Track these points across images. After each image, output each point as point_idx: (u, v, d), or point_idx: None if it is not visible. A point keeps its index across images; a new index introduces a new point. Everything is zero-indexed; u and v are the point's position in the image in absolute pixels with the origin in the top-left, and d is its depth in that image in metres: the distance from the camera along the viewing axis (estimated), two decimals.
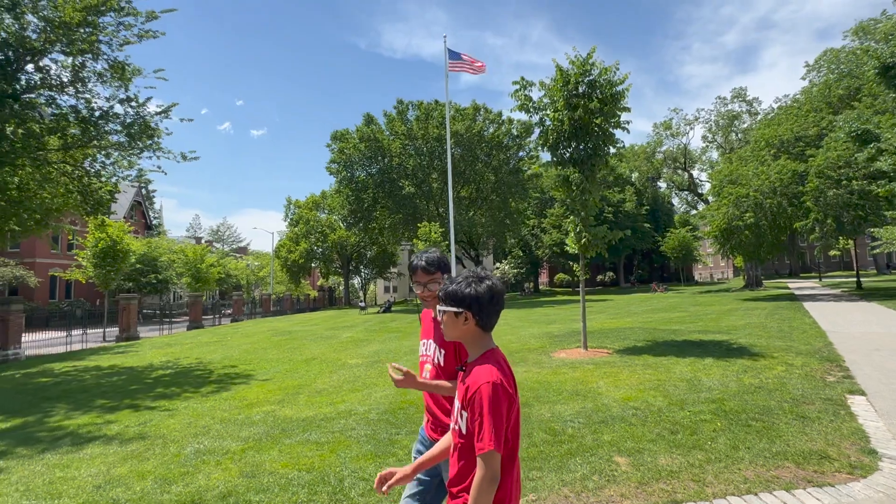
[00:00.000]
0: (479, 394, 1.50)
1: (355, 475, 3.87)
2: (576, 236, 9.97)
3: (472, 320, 1.63)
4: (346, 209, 35.41)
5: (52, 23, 9.21)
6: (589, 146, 9.98)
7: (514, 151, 37.31)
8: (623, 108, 9.86)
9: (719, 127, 35.57)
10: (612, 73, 9.70)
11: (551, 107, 10.09)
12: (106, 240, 22.56)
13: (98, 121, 11.04)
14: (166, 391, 8.33)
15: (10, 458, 4.94)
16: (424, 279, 2.19)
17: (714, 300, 25.06)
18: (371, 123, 34.93)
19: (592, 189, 9.96)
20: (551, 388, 6.65)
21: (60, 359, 14.58)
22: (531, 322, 18.05)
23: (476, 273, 1.71)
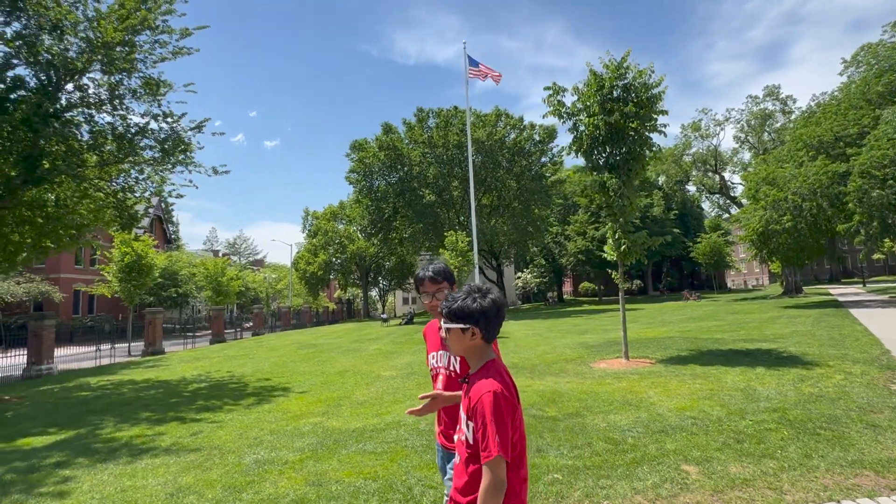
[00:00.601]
0: (482, 403, 1.58)
1: (422, 483, 4.01)
2: (614, 243, 10.02)
3: (479, 335, 1.71)
4: (365, 219, 35.90)
5: (94, 43, 9.72)
6: (624, 150, 10.08)
7: (536, 157, 37.43)
8: (659, 111, 9.94)
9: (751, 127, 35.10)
10: (648, 76, 9.80)
11: (585, 112, 10.23)
12: (131, 254, 23.30)
13: (134, 137, 11.54)
14: (207, 404, 8.60)
15: (74, 468, 5.21)
16: (432, 289, 2.27)
17: (753, 308, 24.62)
18: (390, 132, 35.47)
19: (630, 194, 10.03)
20: (599, 399, 6.70)
21: (92, 373, 15.08)
22: (562, 332, 18.02)
23: (477, 287, 1.78)
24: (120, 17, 10.29)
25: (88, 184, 12.52)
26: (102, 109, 11.34)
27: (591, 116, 10.05)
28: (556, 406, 6.45)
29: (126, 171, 12.85)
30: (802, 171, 22.10)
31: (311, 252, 46.79)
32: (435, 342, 2.32)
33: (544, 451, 4.60)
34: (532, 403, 6.70)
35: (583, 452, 4.49)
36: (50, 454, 5.85)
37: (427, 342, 2.43)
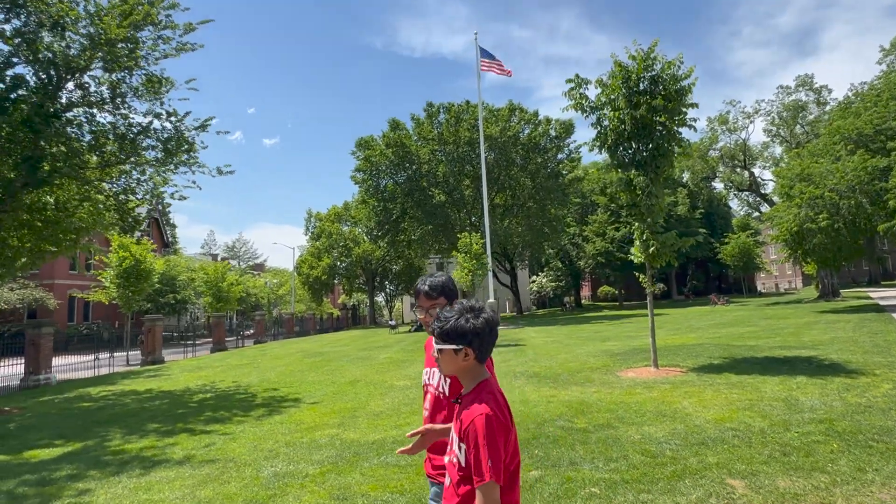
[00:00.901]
0: (474, 426, 1.61)
1: None
2: (642, 244, 10.02)
3: (472, 355, 1.73)
4: (372, 221, 36.08)
5: (97, 40, 9.93)
6: (651, 146, 10.09)
7: (552, 154, 37.40)
8: (689, 104, 9.94)
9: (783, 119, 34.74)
10: (676, 68, 9.81)
11: (609, 105, 10.26)
12: (130, 259, 23.62)
13: (136, 136, 11.75)
14: (216, 415, 8.72)
15: (86, 481, 5.32)
16: (427, 304, 2.25)
17: (787, 313, 24.41)
18: (398, 129, 35.65)
19: (658, 192, 10.03)
20: (631, 410, 6.72)
21: (92, 383, 15.31)
22: (583, 340, 17.99)
23: (469, 306, 1.79)
24: (122, 13, 10.49)
25: (89, 186, 12.76)
26: (104, 108, 11.56)
27: (615, 110, 10.07)
28: (585, 417, 6.47)
29: (127, 173, 13.07)
30: (840, 167, 21.90)
31: (314, 255, 47.09)
32: (430, 357, 2.32)
33: (578, 465, 4.63)
34: (559, 414, 6.73)
35: (619, 466, 4.52)
36: (60, 467, 5.98)
37: (426, 356, 2.44)
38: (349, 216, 49.01)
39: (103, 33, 9.97)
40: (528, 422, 6.46)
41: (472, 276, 18.04)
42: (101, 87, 11.62)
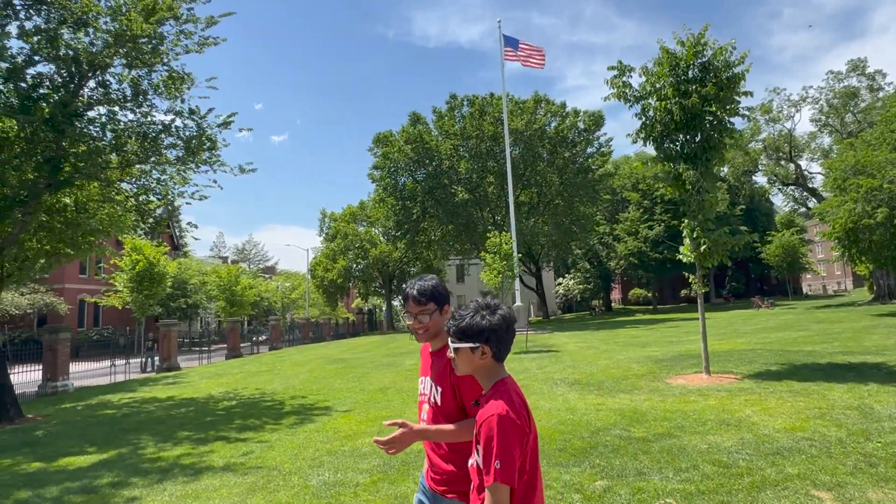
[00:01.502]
0: (486, 427, 1.63)
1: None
2: (692, 243, 9.94)
3: (489, 353, 1.76)
4: (391, 220, 36.28)
5: (123, 36, 10.22)
6: (700, 138, 10.02)
7: (581, 148, 37.20)
8: (743, 92, 9.85)
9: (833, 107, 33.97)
10: (729, 53, 9.73)
11: (655, 94, 10.21)
12: (143, 262, 24.15)
13: (158, 135, 12.03)
14: (247, 423, 8.90)
15: (131, 488, 5.49)
16: (415, 310, 2.21)
17: (840, 316, 23.94)
18: (418, 123, 35.80)
19: (709, 187, 9.95)
20: (690, 418, 6.69)
21: (110, 390, 15.70)
22: (621, 345, 17.88)
23: (486, 303, 1.82)
24: (145, 7, 10.76)
25: (110, 186, 13.10)
26: (125, 106, 11.86)
27: (662, 100, 10.02)
28: (641, 426, 6.46)
29: (147, 173, 13.39)
30: None
31: (329, 257, 47.50)
32: (425, 365, 2.33)
33: (646, 475, 4.65)
34: (613, 423, 6.73)
35: (691, 476, 4.52)
36: (100, 474, 6.17)
37: (421, 364, 2.44)
38: (365, 216, 49.35)
39: (128, 29, 10.23)
40: (581, 430, 6.48)
41: (501, 277, 18.05)
42: (122, 85, 11.94)
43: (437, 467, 2.13)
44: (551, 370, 12.56)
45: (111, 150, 11.82)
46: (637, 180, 47.47)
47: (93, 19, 10.88)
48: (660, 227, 44.05)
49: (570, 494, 4.30)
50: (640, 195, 46.64)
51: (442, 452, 2.11)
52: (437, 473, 2.12)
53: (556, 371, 12.34)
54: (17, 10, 10.95)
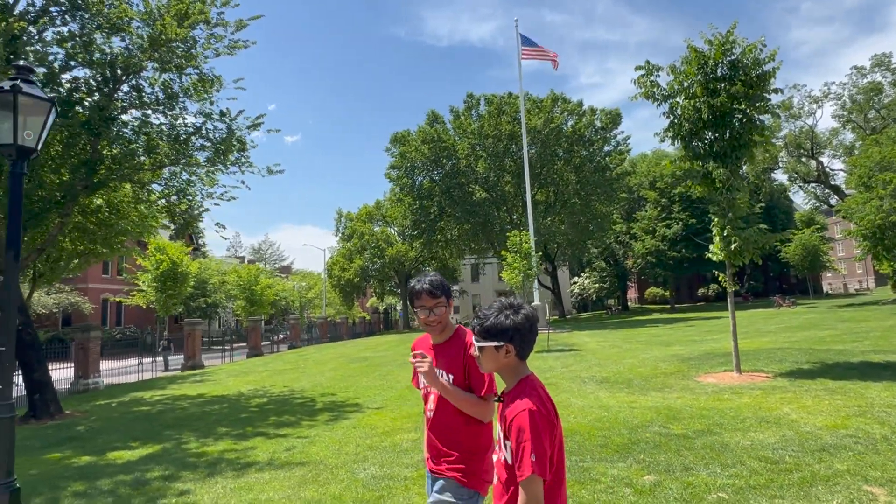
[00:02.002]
0: (518, 422, 1.68)
1: (572, 500, 4.19)
2: (722, 241, 9.93)
3: (513, 351, 1.82)
4: (408, 220, 36.46)
5: (157, 40, 10.46)
6: (729, 136, 10.00)
7: (598, 146, 37.07)
8: (773, 89, 9.82)
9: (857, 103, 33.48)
10: (758, 51, 9.71)
11: (683, 93, 10.21)
12: (167, 262, 24.60)
13: (189, 137, 12.27)
14: (281, 419, 9.07)
15: (182, 482, 5.66)
16: (431, 303, 2.31)
17: (865, 315, 23.62)
18: (435, 122, 35.92)
19: (739, 185, 9.93)
20: (727, 416, 6.72)
21: (140, 388, 16.02)
22: (643, 344, 17.84)
23: (509, 302, 1.87)
24: (178, 12, 10.99)
25: (142, 188, 13.40)
26: (157, 109, 12.11)
27: (690, 98, 10.02)
28: (679, 423, 6.51)
29: (176, 174, 13.65)
30: None
31: (345, 257, 47.82)
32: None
33: (693, 470, 4.70)
34: (649, 420, 6.78)
35: (739, 472, 4.57)
36: (149, 468, 6.36)
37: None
38: (381, 215, 49.60)
39: (162, 33, 10.46)
40: (619, 426, 6.54)
41: (522, 276, 18.10)
42: (154, 88, 12.19)
43: (440, 450, 2.28)
44: (577, 368, 12.60)
45: (144, 152, 12.08)
46: (654, 178, 47.20)
47: (126, 24, 11.13)
48: (678, 226, 43.76)
49: (620, 488, 4.38)
50: (658, 193, 46.36)
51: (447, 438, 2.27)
52: (440, 455, 2.28)
53: (582, 369, 12.39)
54: (53, 16, 11.25)
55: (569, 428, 6.72)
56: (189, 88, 12.43)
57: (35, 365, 10.59)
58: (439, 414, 2.31)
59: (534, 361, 14.47)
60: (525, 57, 31.44)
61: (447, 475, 2.26)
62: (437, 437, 2.30)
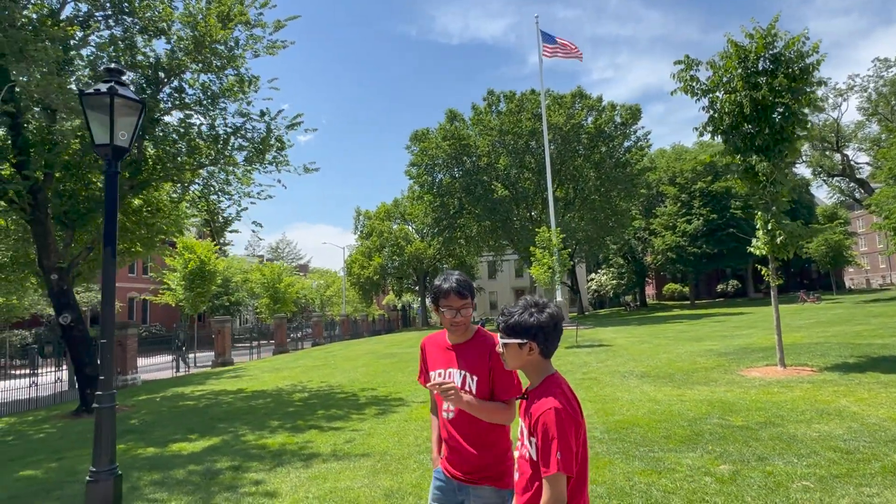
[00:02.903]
0: (544, 420, 1.69)
1: (654, 487, 4.26)
2: (767, 235, 9.89)
3: (537, 350, 1.83)
4: (429, 217, 36.58)
5: (203, 42, 10.65)
6: (770, 129, 9.95)
7: (618, 142, 36.89)
8: (817, 81, 9.75)
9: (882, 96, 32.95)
10: (801, 44, 9.64)
11: (724, 87, 10.18)
12: (195, 260, 24.93)
13: (228, 137, 12.47)
14: (329, 413, 9.23)
15: (254, 472, 5.81)
16: (458, 304, 2.24)
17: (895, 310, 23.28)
18: (455, 120, 35.99)
19: (782, 179, 9.88)
20: (784, 408, 6.73)
21: (176, 384, 16.32)
22: (672, 340, 17.77)
23: (534, 301, 1.88)
24: (220, 14, 11.17)
25: (184, 187, 13.64)
26: (198, 110, 12.32)
27: (731, 93, 9.99)
28: (737, 416, 6.53)
29: (214, 174, 13.87)
30: None
31: (364, 255, 48.10)
32: (440, 359, 2.35)
33: (767, 460, 4.74)
34: (705, 413, 6.81)
35: (816, 461, 4.60)
36: (215, 458, 6.52)
37: (427, 358, 2.44)
38: (399, 213, 49.81)
39: (207, 35, 10.64)
40: (676, 419, 6.58)
41: (552, 275, 18.12)
42: (195, 89, 12.41)
43: (468, 456, 2.20)
44: (612, 364, 12.62)
45: (186, 152, 12.30)
46: (674, 174, 46.83)
47: (167, 28, 11.34)
48: (698, 221, 43.41)
49: (700, 477, 4.43)
50: (678, 189, 46.00)
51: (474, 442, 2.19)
52: (469, 462, 2.19)
53: (617, 364, 12.40)
54: (97, 21, 11.50)
55: (626, 420, 6.77)
56: (228, 89, 12.63)
57: (86, 360, 10.85)
58: (464, 414, 2.21)
59: (566, 357, 14.52)
60: (546, 55, 31.38)
61: (481, 484, 2.20)
62: (463, 439, 2.22)
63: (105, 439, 4.19)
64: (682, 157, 49.14)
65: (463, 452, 2.20)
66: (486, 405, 2.17)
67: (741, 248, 44.27)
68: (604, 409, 7.58)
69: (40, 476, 6.38)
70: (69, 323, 10.67)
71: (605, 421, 6.82)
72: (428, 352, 2.44)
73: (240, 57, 11.42)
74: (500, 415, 2.18)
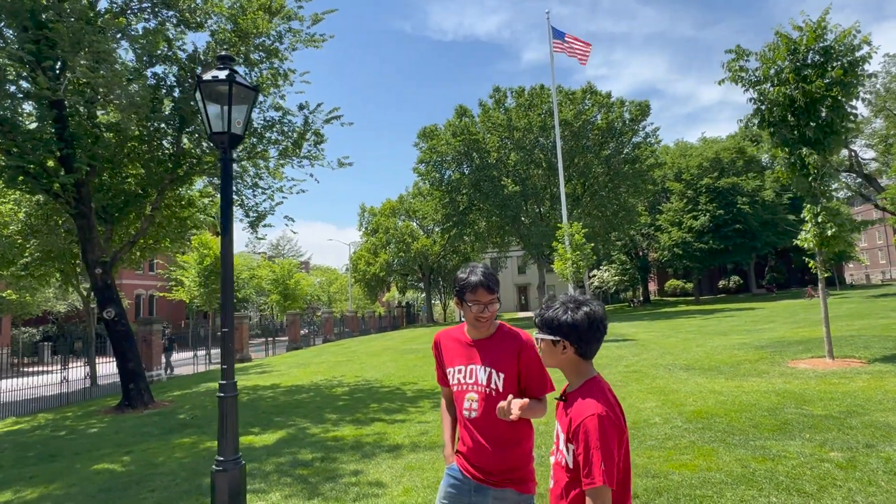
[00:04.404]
0: (585, 427, 1.60)
1: (776, 473, 4.29)
2: (816, 228, 9.94)
3: (571, 349, 1.73)
4: (439, 213, 36.54)
5: (249, 34, 10.58)
6: (818, 123, 10.00)
7: (627, 138, 36.95)
8: (866, 75, 9.80)
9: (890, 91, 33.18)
10: (852, 37, 9.69)
11: (774, 79, 10.21)
12: (211, 256, 24.84)
13: (265, 130, 12.41)
14: (382, 406, 9.23)
15: (346, 462, 5.80)
16: (487, 299, 2.17)
17: None
18: (464, 116, 35.95)
19: (831, 172, 9.94)
20: (858, 398, 6.77)
21: (200, 379, 16.26)
22: (696, 334, 17.84)
23: (574, 298, 1.79)
24: (262, 6, 11.10)
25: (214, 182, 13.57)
26: None
27: (781, 84, 10.02)
28: (813, 405, 6.57)
29: (245, 169, 13.80)
30: None
31: (370, 251, 48.02)
32: (460, 354, 2.28)
33: (875, 447, 4.78)
34: (777, 403, 6.85)
35: None
36: (294, 451, 6.51)
37: (444, 354, 2.37)
38: (404, 209, 49.74)
39: (254, 28, 10.57)
40: (753, 409, 6.61)
41: (576, 269, 18.14)
42: None
43: (491, 457, 2.13)
44: (649, 357, 12.66)
45: None
46: (680, 170, 46.96)
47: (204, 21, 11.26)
48: (704, 217, 43.56)
49: (817, 464, 4.46)
50: (684, 185, 46.13)
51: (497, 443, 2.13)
52: (491, 463, 2.13)
53: (654, 358, 12.44)
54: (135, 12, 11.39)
55: (700, 411, 6.81)
56: (263, 82, 12.56)
57: (129, 355, 10.80)
58: (488, 415, 2.14)
59: (600, 350, 14.57)
60: (557, 50, 31.35)
61: (502, 486, 2.14)
62: (486, 440, 2.15)
63: (230, 429, 4.20)
64: (686, 153, 49.27)
65: (485, 453, 2.15)
66: (533, 405, 2.13)
67: (747, 243, 44.53)
68: (670, 401, 7.61)
69: (120, 469, 6.35)
70: (113, 318, 10.61)
71: (680, 412, 6.85)
72: (444, 347, 2.37)
73: (285, 50, 11.34)
74: (539, 412, 2.17)
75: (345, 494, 4.81)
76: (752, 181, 44.10)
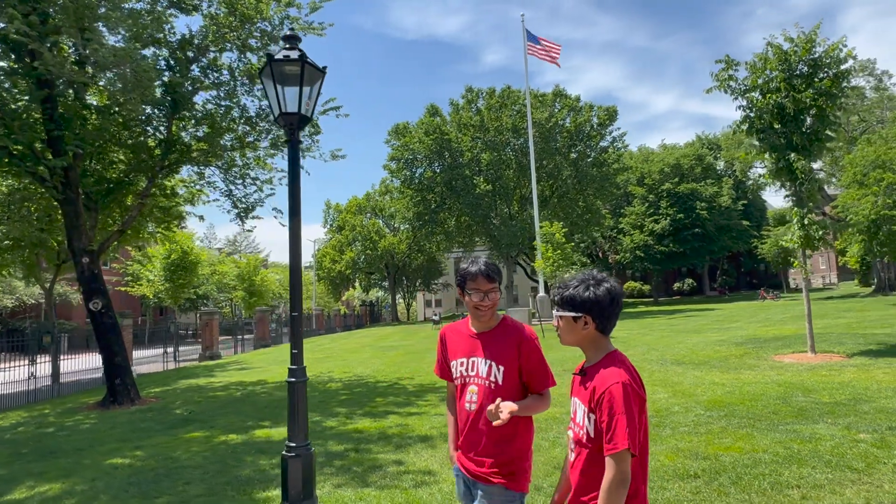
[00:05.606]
0: (610, 393, 1.64)
1: (819, 453, 4.56)
2: (802, 229, 10.52)
3: (592, 325, 1.77)
4: (411, 212, 36.47)
5: (252, 19, 10.30)
6: (803, 130, 10.61)
7: (595, 142, 37.93)
8: (851, 87, 10.46)
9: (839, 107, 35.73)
10: (839, 50, 10.33)
11: (763, 88, 10.76)
12: (177, 251, 23.97)
13: (260, 120, 12.10)
14: (388, 400, 9.21)
15: (379, 453, 5.77)
16: (487, 287, 2.22)
17: (860, 305, 25.01)
18: (436, 115, 36.03)
19: (815, 177, 10.56)
20: (857, 388, 7.22)
21: (175, 376, 15.67)
22: (672, 332, 18.50)
23: (593, 275, 1.83)
24: None
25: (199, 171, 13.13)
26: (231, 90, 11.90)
27: (771, 93, 10.57)
28: (818, 394, 6.98)
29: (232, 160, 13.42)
30: None
31: (336, 249, 47.40)
32: (463, 347, 2.31)
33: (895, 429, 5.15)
34: (784, 392, 7.24)
35: None
36: (321, 443, 6.41)
37: (448, 347, 2.40)
38: (370, 207, 49.38)
39: (256, 12, 10.31)
40: (763, 398, 6.96)
41: (556, 267, 18.52)
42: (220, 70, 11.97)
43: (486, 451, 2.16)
44: (634, 353, 13.02)
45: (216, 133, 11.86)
46: (642, 175, 48.55)
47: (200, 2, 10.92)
48: (665, 221, 45.20)
49: (853, 444, 4.76)
50: (646, 189, 47.74)
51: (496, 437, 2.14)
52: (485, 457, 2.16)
53: (641, 354, 12.83)
54: None
55: (715, 400, 7.11)
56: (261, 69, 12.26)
57: (116, 348, 10.34)
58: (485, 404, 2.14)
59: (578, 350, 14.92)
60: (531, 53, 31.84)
61: (493, 481, 2.15)
62: (485, 433, 2.15)
63: (300, 415, 4.13)
64: (649, 158, 50.99)
65: (481, 446, 2.17)
66: (529, 403, 2.17)
67: (704, 247, 46.47)
68: (680, 392, 7.91)
69: (138, 464, 6.10)
70: (100, 309, 10.13)
71: (696, 401, 7.14)
72: (449, 340, 2.41)
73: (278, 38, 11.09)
74: (541, 407, 2.22)
75: (399, 482, 4.80)
76: (710, 187, 46.04)
